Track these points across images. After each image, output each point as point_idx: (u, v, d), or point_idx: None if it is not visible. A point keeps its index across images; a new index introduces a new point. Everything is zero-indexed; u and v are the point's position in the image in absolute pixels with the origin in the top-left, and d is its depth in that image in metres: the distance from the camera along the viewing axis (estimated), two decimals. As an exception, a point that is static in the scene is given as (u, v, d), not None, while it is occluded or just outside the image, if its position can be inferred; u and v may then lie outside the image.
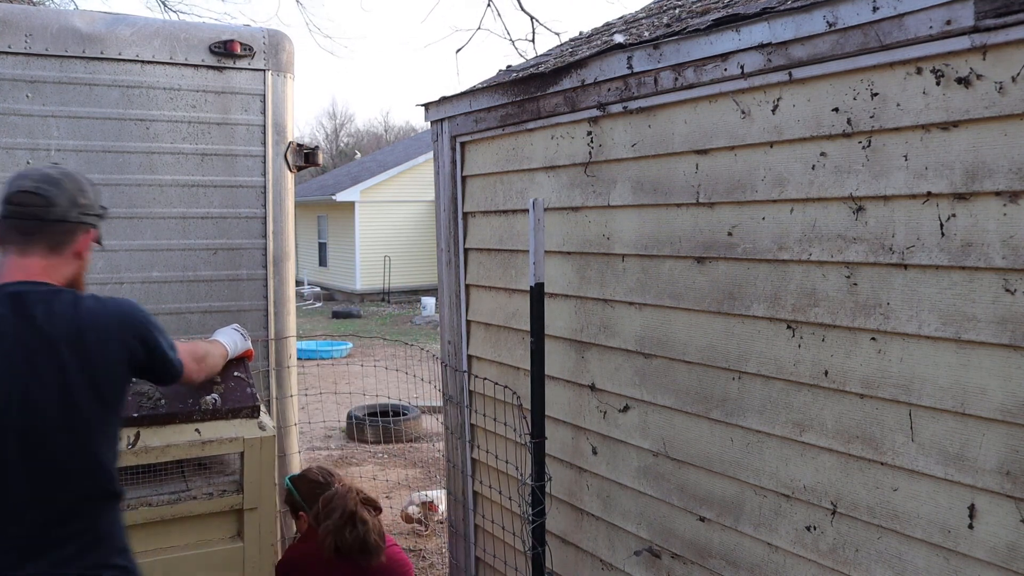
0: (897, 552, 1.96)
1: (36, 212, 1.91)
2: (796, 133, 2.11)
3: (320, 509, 2.98)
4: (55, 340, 1.85)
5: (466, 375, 3.65)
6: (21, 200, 1.91)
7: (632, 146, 2.62)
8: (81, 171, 3.41)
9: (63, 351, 1.85)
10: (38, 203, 1.92)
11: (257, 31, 3.76)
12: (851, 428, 2.04)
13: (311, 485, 3.12)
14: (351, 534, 2.91)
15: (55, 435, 1.85)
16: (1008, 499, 1.73)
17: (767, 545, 2.29)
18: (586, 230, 2.86)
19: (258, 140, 3.73)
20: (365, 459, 7.95)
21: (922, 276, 1.86)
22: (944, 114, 1.79)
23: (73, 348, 1.87)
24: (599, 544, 2.94)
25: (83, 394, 1.88)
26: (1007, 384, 1.72)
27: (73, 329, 1.87)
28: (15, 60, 3.29)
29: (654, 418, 2.64)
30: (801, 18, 2.02)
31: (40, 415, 1.83)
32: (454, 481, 3.88)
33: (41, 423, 1.83)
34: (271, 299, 3.77)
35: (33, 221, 1.91)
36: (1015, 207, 1.68)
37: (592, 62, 2.70)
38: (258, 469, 2.68)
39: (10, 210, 1.91)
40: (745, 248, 2.28)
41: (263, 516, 2.68)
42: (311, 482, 3.13)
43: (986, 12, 1.67)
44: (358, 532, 2.92)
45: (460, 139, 3.54)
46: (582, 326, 2.92)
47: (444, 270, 3.77)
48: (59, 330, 1.86)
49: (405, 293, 23.42)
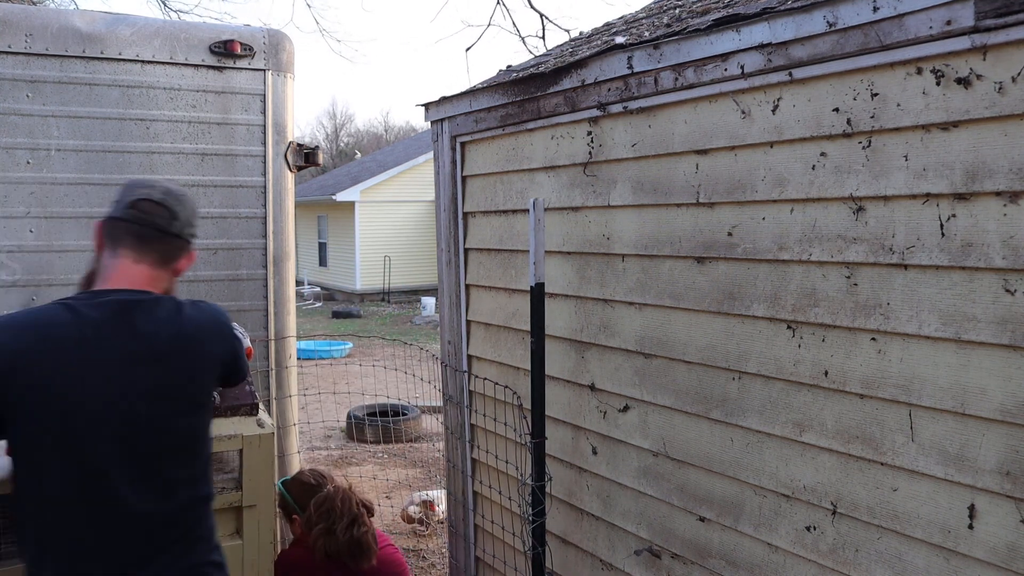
0: (897, 552, 1.96)
1: (159, 223, 1.91)
2: (796, 133, 2.11)
3: (312, 512, 2.96)
4: (158, 349, 1.85)
5: (466, 375, 3.65)
6: (147, 209, 1.91)
7: (632, 146, 2.62)
8: (82, 171, 3.41)
9: (166, 360, 1.86)
10: (163, 215, 1.92)
11: (257, 31, 3.76)
12: (851, 428, 2.04)
13: (303, 488, 3.10)
14: (344, 536, 2.90)
15: (160, 445, 1.86)
16: (1008, 499, 1.73)
17: (767, 545, 2.29)
18: (586, 230, 2.86)
19: (258, 140, 3.73)
20: (365, 459, 7.95)
21: (922, 276, 1.86)
22: (944, 114, 1.79)
23: (176, 357, 1.88)
24: (599, 544, 2.94)
25: (184, 402, 1.89)
26: (1007, 384, 1.72)
27: (176, 338, 1.88)
28: (15, 60, 3.30)
29: (654, 418, 2.64)
30: (801, 18, 2.02)
31: (144, 425, 1.83)
32: (454, 481, 3.88)
33: (145, 433, 1.83)
34: (271, 299, 3.77)
35: (154, 231, 1.91)
36: (1015, 207, 1.69)
37: (592, 62, 2.70)
38: (257, 466, 2.68)
39: (132, 215, 1.90)
40: (745, 248, 2.28)
41: (262, 514, 2.67)
42: (303, 485, 3.11)
43: (986, 12, 1.67)
44: (351, 534, 2.91)
45: (460, 139, 3.54)
46: (582, 326, 2.92)
47: (444, 270, 3.77)
48: (162, 339, 1.86)
49: (405, 293, 23.42)
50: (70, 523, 1.78)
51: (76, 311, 1.80)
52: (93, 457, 1.78)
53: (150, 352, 1.84)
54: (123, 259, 1.89)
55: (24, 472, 1.79)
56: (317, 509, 2.96)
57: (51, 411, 1.74)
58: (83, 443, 1.77)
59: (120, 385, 1.79)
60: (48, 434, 1.75)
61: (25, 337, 1.75)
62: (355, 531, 2.93)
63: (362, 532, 2.95)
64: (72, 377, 1.75)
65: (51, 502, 1.78)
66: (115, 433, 1.79)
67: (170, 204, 1.94)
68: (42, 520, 1.79)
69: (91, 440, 1.77)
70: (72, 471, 1.77)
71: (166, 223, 1.93)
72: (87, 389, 1.76)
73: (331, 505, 2.95)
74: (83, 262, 3.42)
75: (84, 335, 1.78)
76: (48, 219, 3.36)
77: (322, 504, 2.97)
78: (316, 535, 2.92)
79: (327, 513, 2.95)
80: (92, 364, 1.77)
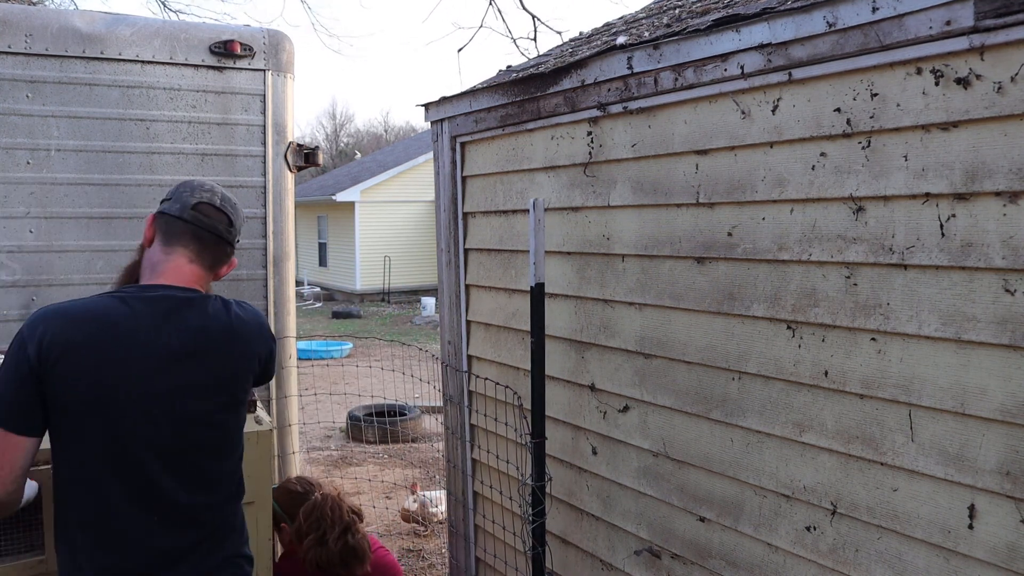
0: (897, 552, 1.96)
1: (219, 228, 1.98)
2: (796, 133, 2.11)
3: (301, 521, 2.89)
4: (208, 347, 1.90)
5: (466, 375, 3.65)
6: (209, 213, 1.97)
7: (632, 146, 2.62)
8: (82, 171, 3.40)
9: (215, 357, 1.91)
10: (223, 221, 2.00)
11: (257, 31, 3.76)
12: (851, 428, 2.04)
13: (291, 496, 3.01)
14: (336, 545, 2.83)
15: (204, 439, 1.91)
16: (1008, 499, 1.73)
17: (767, 545, 2.29)
18: (586, 230, 2.86)
19: (258, 140, 3.73)
20: (365, 459, 7.95)
21: (922, 276, 1.86)
22: (944, 114, 1.79)
23: (224, 354, 1.93)
24: (599, 544, 2.94)
25: (228, 398, 1.94)
26: (1007, 384, 1.72)
27: (225, 335, 1.94)
28: (15, 60, 3.30)
29: (654, 418, 2.64)
30: (801, 18, 2.02)
31: (191, 419, 1.87)
32: (454, 481, 3.88)
33: (192, 427, 1.88)
34: (271, 299, 3.77)
35: (212, 235, 1.97)
36: (1015, 207, 1.69)
37: (592, 62, 2.70)
38: (255, 463, 2.67)
39: (194, 217, 1.95)
40: (745, 248, 2.28)
41: (260, 510, 2.68)
42: (291, 493, 3.03)
43: (986, 12, 1.67)
44: (345, 542, 2.86)
45: (460, 139, 3.54)
46: (582, 326, 2.92)
47: (444, 270, 3.77)
48: (212, 336, 1.91)
49: (405, 293, 23.42)
50: (115, 514, 1.81)
51: (129, 304, 1.84)
52: (139, 449, 1.81)
53: (200, 348, 1.88)
54: (178, 257, 1.94)
55: (70, 463, 1.81)
56: (307, 518, 2.89)
57: (100, 402, 1.78)
58: (131, 435, 1.80)
59: (170, 379, 1.84)
60: (97, 425, 1.78)
61: (79, 328, 1.78)
62: (349, 538, 2.86)
63: (357, 539, 2.90)
64: (123, 369, 1.79)
65: (96, 494, 1.81)
66: (163, 425, 1.83)
67: (229, 211, 2.02)
68: (85, 512, 1.81)
69: (139, 432, 1.81)
70: (119, 463, 1.80)
71: (224, 230, 2.00)
72: (137, 382, 1.80)
73: (321, 513, 2.88)
74: (83, 262, 3.44)
75: (137, 328, 1.82)
76: (48, 219, 3.37)
77: (312, 513, 2.89)
78: (308, 546, 2.85)
79: (317, 522, 2.88)
80: (143, 358, 1.82)
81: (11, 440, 1.73)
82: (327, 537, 2.86)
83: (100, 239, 3.46)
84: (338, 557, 2.86)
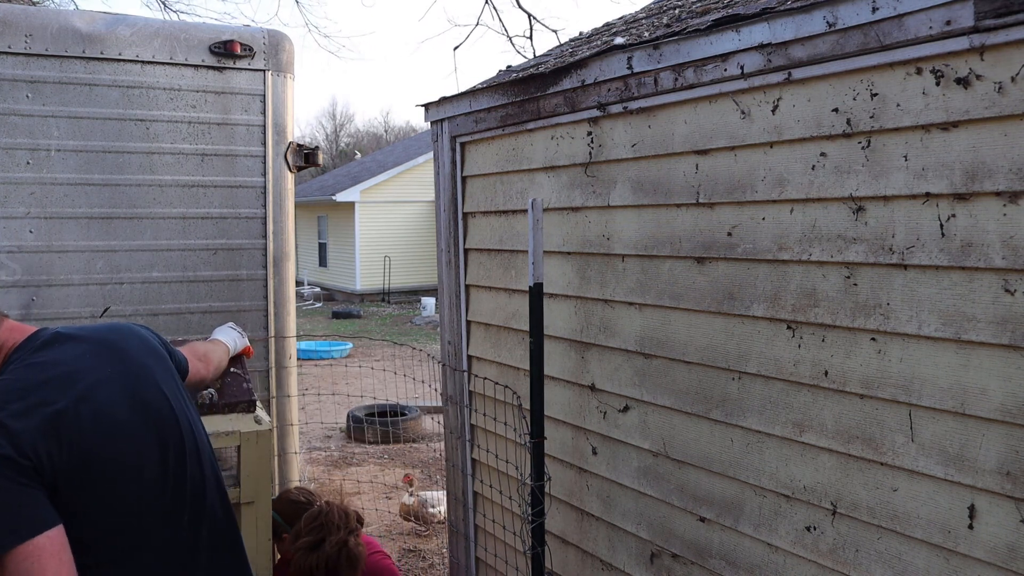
0: (897, 552, 1.96)
1: None
2: (796, 133, 2.11)
3: (301, 527, 2.87)
4: (144, 360, 1.99)
5: (466, 375, 3.65)
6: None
7: (632, 146, 2.62)
8: (82, 171, 3.40)
9: (156, 368, 2.00)
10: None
11: (257, 31, 3.76)
12: (851, 428, 2.04)
13: (293, 506, 3.00)
14: (333, 549, 2.78)
15: (194, 444, 1.99)
16: (1008, 499, 1.73)
17: (767, 545, 2.29)
18: (586, 230, 2.86)
19: (258, 140, 3.73)
20: (365, 459, 7.95)
21: (922, 276, 1.86)
22: (944, 114, 1.79)
23: (156, 364, 2.01)
24: (599, 544, 2.94)
25: (185, 401, 2.05)
26: (1007, 384, 1.72)
27: (144, 347, 2.03)
28: (15, 60, 3.29)
29: (654, 418, 2.64)
30: (801, 18, 2.02)
31: (179, 426, 1.95)
32: (454, 481, 3.88)
33: (187, 433, 1.96)
34: (271, 299, 3.77)
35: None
36: (1015, 207, 1.69)
37: (592, 62, 2.70)
38: (255, 463, 2.67)
39: None
40: (745, 248, 2.28)
41: (260, 510, 2.68)
42: (293, 503, 3.02)
43: (986, 12, 1.67)
44: (347, 544, 2.83)
45: (460, 139, 3.54)
46: (582, 326, 2.92)
47: (444, 270, 3.77)
48: (141, 351, 2.00)
49: (405, 293, 23.42)
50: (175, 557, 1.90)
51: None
52: (186, 480, 1.93)
53: (144, 363, 1.98)
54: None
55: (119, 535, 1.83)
56: (309, 524, 2.85)
57: (127, 473, 1.84)
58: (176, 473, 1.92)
59: (149, 393, 1.94)
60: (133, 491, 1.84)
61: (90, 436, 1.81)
62: (351, 542, 2.83)
63: (355, 543, 2.89)
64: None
65: (154, 550, 1.86)
66: (190, 449, 1.95)
67: None
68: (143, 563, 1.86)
69: (182, 464, 1.92)
70: (177, 503, 1.91)
71: None
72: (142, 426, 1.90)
73: (326, 520, 2.85)
74: (82, 262, 3.44)
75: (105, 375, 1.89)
76: (48, 219, 3.36)
77: (315, 519, 2.86)
78: (300, 547, 2.81)
79: (320, 528, 2.84)
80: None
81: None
82: (324, 543, 2.80)
83: (100, 239, 3.46)
84: (334, 561, 2.79)
